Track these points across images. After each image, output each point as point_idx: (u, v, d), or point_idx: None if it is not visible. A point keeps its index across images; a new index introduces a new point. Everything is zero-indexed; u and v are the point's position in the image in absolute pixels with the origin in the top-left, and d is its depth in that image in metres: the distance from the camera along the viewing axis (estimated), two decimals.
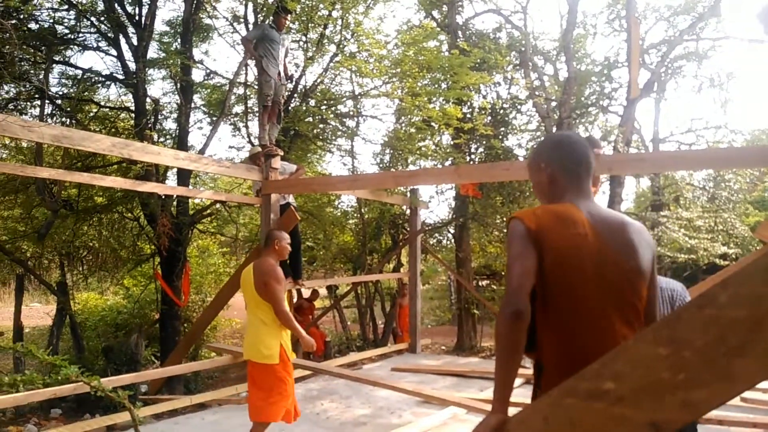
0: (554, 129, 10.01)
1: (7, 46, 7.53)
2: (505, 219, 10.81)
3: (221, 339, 13.02)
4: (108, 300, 12.72)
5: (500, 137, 10.39)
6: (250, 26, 9.25)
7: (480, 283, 12.49)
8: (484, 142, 10.39)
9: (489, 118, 10.00)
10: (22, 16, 8.23)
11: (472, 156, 10.87)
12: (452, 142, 10.04)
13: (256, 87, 8.38)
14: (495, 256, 11.27)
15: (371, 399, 6.66)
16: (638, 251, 1.84)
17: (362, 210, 11.40)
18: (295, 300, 10.48)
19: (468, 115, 9.68)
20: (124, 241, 10.72)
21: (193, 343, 8.55)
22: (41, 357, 1.77)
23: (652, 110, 13.28)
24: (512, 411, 5.35)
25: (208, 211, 10.12)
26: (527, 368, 8.45)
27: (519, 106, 11.11)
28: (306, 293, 11.55)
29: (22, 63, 8.49)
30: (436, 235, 12.54)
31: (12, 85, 8.73)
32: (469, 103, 10.35)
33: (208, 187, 12.54)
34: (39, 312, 14.75)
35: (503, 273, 11.14)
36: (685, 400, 1.20)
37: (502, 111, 10.86)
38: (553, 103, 10.65)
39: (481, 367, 8.65)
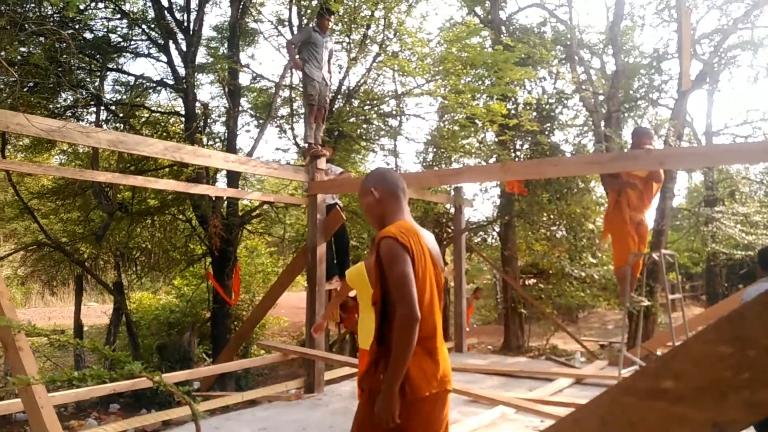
0: (602, 123, 9.80)
1: (65, 56, 7.85)
2: (552, 216, 10.65)
3: (269, 337, 13.25)
4: (161, 299, 13.11)
5: (546, 133, 10.24)
6: (295, 29, 9.39)
7: (527, 282, 12.33)
8: (530, 139, 10.25)
9: (534, 113, 9.87)
10: (77, 26, 8.56)
11: (517, 153, 10.74)
12: (497, 139, 9.94)
13: (302, 89, 8.50)
14: (542, 255, 11.08)
15: None
16: (438, 256, 2.44)
17: None
18: None
19: (513, 112, 9.58)
20: (176, 242, 11.03)
21: (244, 340, 8.73)
22: (108, 353, 1.86)
23: (704, 102, 12.92)
24: (562, 411, 5.26)
25: (257, 211, 10.31)
26: (577, 368, 8.32)
27: (565, 101, 10.92)
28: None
29: (79, 71, 8.83)
30: (481, 233, 12.44)
31: (69, 93, 9.10)
32: (513, 99, 10.23)
33: (256, 188, 12.78)
34: (96, 311, 15.33)
35: (551, 272, 10.95)
36: (749, 400, 1.16)
37: (547, 106, 10.70)
38: (601, 97, 10.42)
39: (529, 366, 8.54)
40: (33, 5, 7.57)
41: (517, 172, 6.42)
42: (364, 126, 10.21)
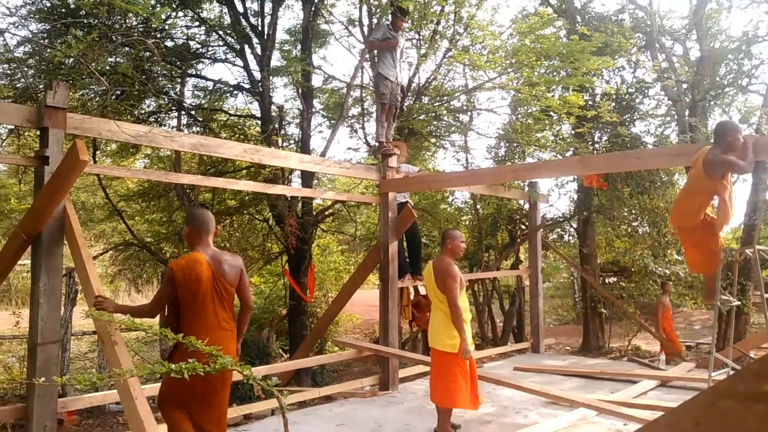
0: (687, 113, 9.31)
1: (149, 64, 8.23)
2: (633, 211, 10.21)
3: (342, 334, 13.43)
4: None
5: (626, 124, 9.81)
6: (365, 29, 9.44)
7: (606, 280, 11.87)
8: (609, 130, 9.86)
9: (613, 104, 9.47)
10: (159, 36, 8.96)
11: (596, 145, 10.36)
12: (573, 132, 9.63)
13: (372, 88, 8.54)
14: (623, 252, 10.62)
15: (494, 398, 6.55)
16: (229, 270, 3.67)
17: (477, 206, 11.25)
18: (412, 296, 10.55)
19: (590, 103, 9.23)
20: (254, 241, 11.35)
21: (320, 337, 8.87)
22: (201, 347, 1.92)
23: None
24: (647, 414, 5.00)
25: (329, 210, 10.46)
26: (661, 370, 7.95)
27: (646, 90, 10.42)
28: (423, 290, 11.59)
29: (161, 78, 9.24)
30: (558, 230, 12.10)
31: (152, 99, 9.54)
32: (590, 90, 9.88)
33: (327, 188, 12.98)
34: None
35: (633, 269, 10.50)
36: None
37: (627, 96, 10.25)
38: (685, 85, 9.89)
39: (610, 368, 8.24)
40: (119, 17, 7.98)
41: (596, 165, 6.18)
42: (434, 123, 10.15)
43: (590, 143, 10.10)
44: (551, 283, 16.93)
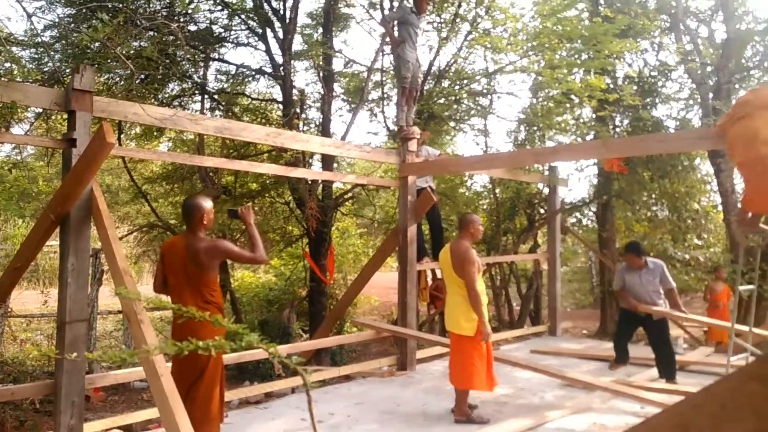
0: (711, 96, 9.17)
1: (172, 48, 8.31)
2: (654, 196, 10.14)
3: (361, 315, 13.57)
4: (260, 278, 13.75)
5: (648, 108, 9.71)
6: (386, 12, 9.41)
7: None
8: (630, 114, 9.77)
9: (635, 87, 9.36)
10: (182, 20, 9.03)
11: (617, 129, 10.27)
12: (594, 115, 9.56)
13: (393, 71, 8.54)
14: (643, 236, 10.56)
15: (511, 380, 6.63)
16: (200, 256, 4.04)
17: (496, 190, 11.25)
18: (430, 280, 10.62)
19: (611, 86, 9.15)
20: (275, 224, 11.48)
21: (339, 318, 9.00)
22: (228, 326, 2.01)
23: None
24: (664, 397, 5.05)
25: (349, 194, 10.53)
26: (679, 354, 7.94)
27: (669, 73, 10.28)
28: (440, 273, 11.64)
29: (184, 62, 9.33)
30: (576, 214, 12.05)
31: (176, 83, 9.63)
32: (612, 73, 9.77)
33: (347, 171, 13.04)
34: None
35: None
36: None
37: (650, 79, 10.12)
38: (709, 68, 9.73)
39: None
40: (144, 1, 8.06)
41: (619, 149, 6.15)
42: (454, 106, 10.13)
43: (611, 127, 10.02)
44: (569, 268, 16.87)
